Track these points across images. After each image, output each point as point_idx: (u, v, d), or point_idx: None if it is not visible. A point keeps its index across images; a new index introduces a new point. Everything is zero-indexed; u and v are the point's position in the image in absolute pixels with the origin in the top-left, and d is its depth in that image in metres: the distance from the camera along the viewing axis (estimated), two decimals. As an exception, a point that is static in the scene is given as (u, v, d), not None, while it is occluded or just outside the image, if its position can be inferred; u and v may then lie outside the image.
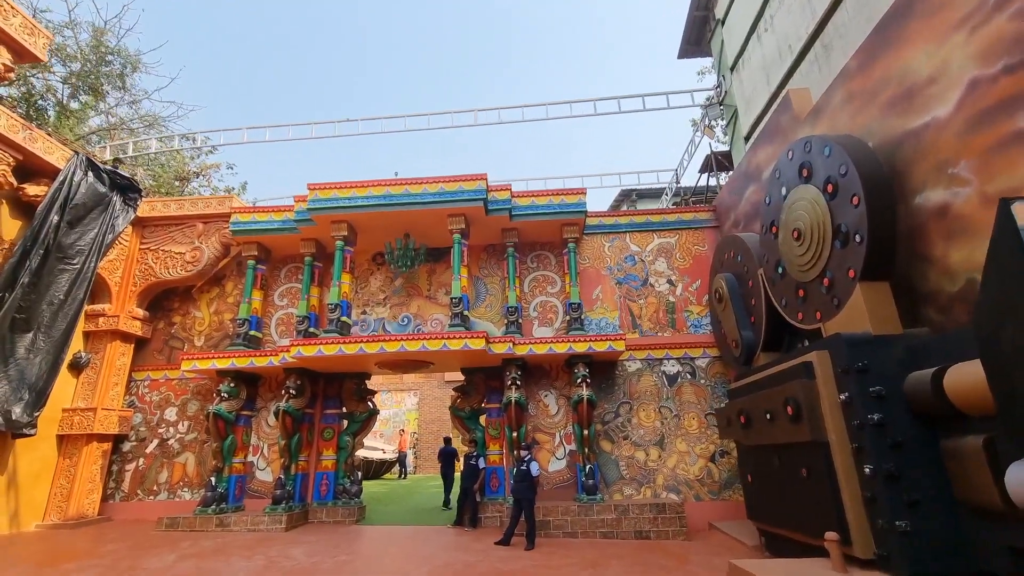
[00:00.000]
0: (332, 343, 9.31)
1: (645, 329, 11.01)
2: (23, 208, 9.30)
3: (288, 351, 9.55)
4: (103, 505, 10.48)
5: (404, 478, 20.28)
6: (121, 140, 14.68)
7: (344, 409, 11.05)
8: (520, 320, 10.58)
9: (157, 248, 11.58)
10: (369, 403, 11.13)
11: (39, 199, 9.25)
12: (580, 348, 9.73)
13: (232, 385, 10.25)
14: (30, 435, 8.88)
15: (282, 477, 9.76)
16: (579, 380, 9.61)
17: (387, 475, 21.07)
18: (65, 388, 10.32)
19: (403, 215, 10.29)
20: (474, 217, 10.42)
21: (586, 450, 9.53)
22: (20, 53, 6.37)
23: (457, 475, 11.35)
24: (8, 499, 9.06)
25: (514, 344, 9.73)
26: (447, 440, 12.77)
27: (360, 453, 18.95)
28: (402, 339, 9.21)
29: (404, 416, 23.62)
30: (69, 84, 14.17)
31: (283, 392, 9.91)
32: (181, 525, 9.32)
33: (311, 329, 10.62)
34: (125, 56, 15.01)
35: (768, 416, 6.59)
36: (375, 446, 20.60)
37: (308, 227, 10.69)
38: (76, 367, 10.50)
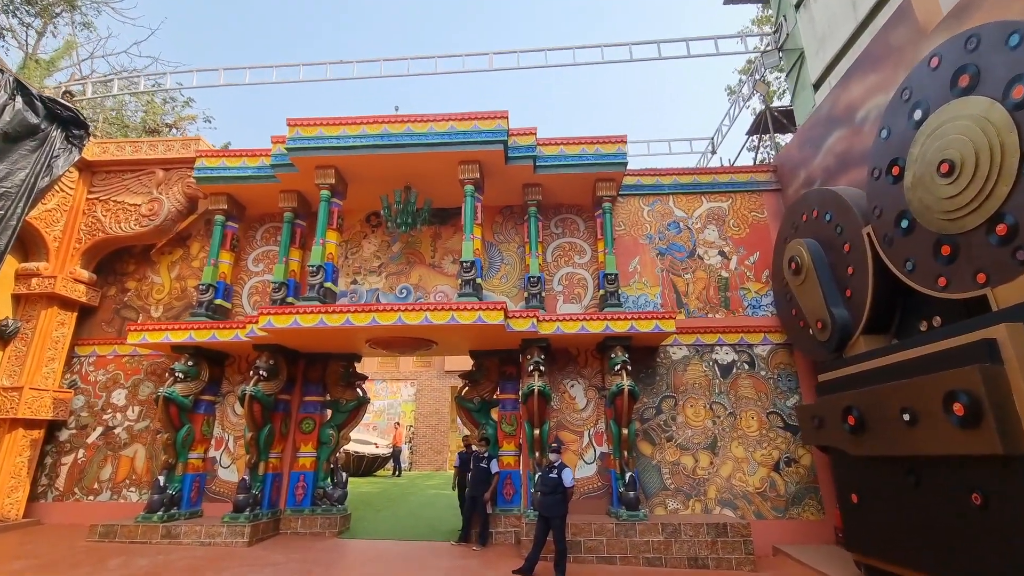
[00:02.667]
0: (312, 312, 7.42)
1: (692, 309, 9.13)
2: (-74, 134, 7.39)
3: (256, 322, 7.67)
4: (32, 506, 8.62)
5: (399, 475, 18.47)
6: (78, 81, 12.70)
7: (328, 396, 9.19)
8: (543, 294, 8.70)
9: (108, 199, 9.66)
10: (358, 390, 9.27)
11: (-53, 123, 7.34)
12: (619, 327, 7.86)
13: (190, 364, 8.37)
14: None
15: (247, 478, 7.89)
16: (617, 367, 7.75)
17: (380, 472, 19.25)
18: (-14, 362, 8.45)
19: (404, 161, 8.38)
20: (490, 166, 8.51)
21: (625, 454, 7.67)
22: None
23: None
24: (-102, 498, 7.20)
25: (538, 320, 7.86)
26: (467, 441, 9.34)
27: (350, 447, 17.19)
28: (399, 309, 7.32)
29: (400, 408, 21.77)
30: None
31: (251, 373, 8.03)
32: (118, 535, 7.46)
33: (289, 299, 8.73)
34: None
35: (907, 417, 4.73)
36: (367, 440, 18.77)
37: (288, 174, 8.77)
38: (1, 336, 8.61)
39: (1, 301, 8.61)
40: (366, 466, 17.94)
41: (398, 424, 19.92)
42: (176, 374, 8.21)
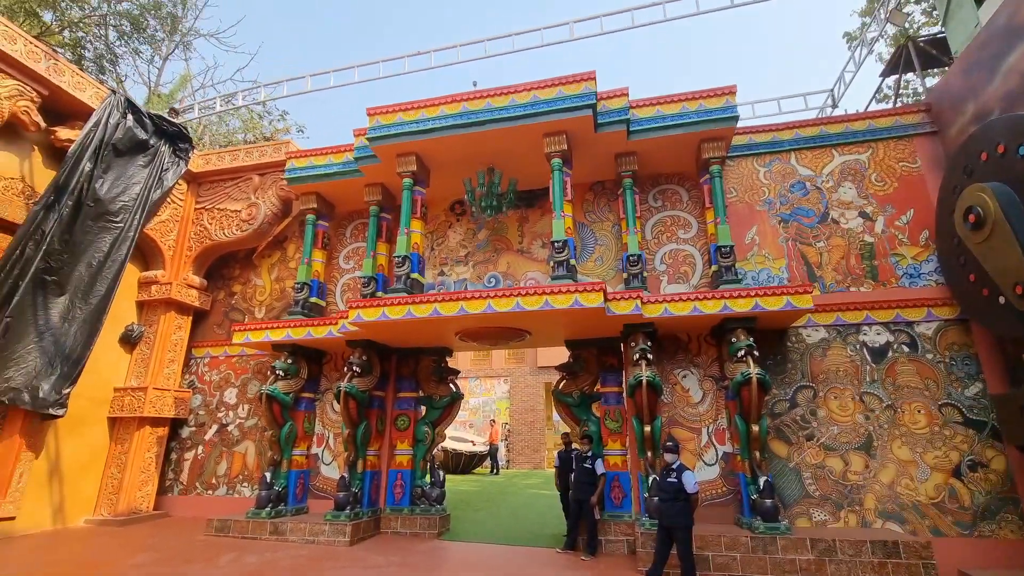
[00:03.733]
0: (399, 304, 7.09)
1: (829, 283, 7.68)
2: (58, 156, 8.06)
3: (347, 317, 7.50)
4: (161, 499, 9.21)
5: (496, 473, 18.17)
6: (187, 104, 13.72)
7: (421, 392, 8.91)
8: (644, 274, 7.74)
9: (212, 207, 10.15)
10: (451, 385, 8.89)
11: (71, 144, 7.94)
12: (740, 306, 6.72)
13: (289, 362, 8.46)
14: (58, 415, 7.58)
15: (346, 476, 7.77)
16: (740, 352, 6.62)
17: (477, 470, 19.11)
18: (119, 365, 9.15)
19: (485, 140, 7.83)
20: (579, 136, 7.71)
21: (756, 454, 6.53)
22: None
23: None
24: (51, 490, 7.91)
25: (642, 301, 6.93)
26: (568, 440, 8.25)
27: (448, 445, 17.17)
28: (488, 296, 6.76)
29: (494, 405, 21.55)
30: (114, 23, 13.51)
31: (345, 370, 7.91)
32: (232, 529, 7.64)
33: (378, 293, 8.55)
34: None
35: None
36: (464, 437, 18.70)
37: (371, 166, 8.59)
38: (128, 341, 9.29)
39: (126, 308, 9.29)
40: (463, 464, 17.85)
41: (493, 421, 19.67)
42: (277, 372, 8.33)
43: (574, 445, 8.12)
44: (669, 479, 5.54)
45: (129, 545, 7.05)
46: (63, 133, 7.97)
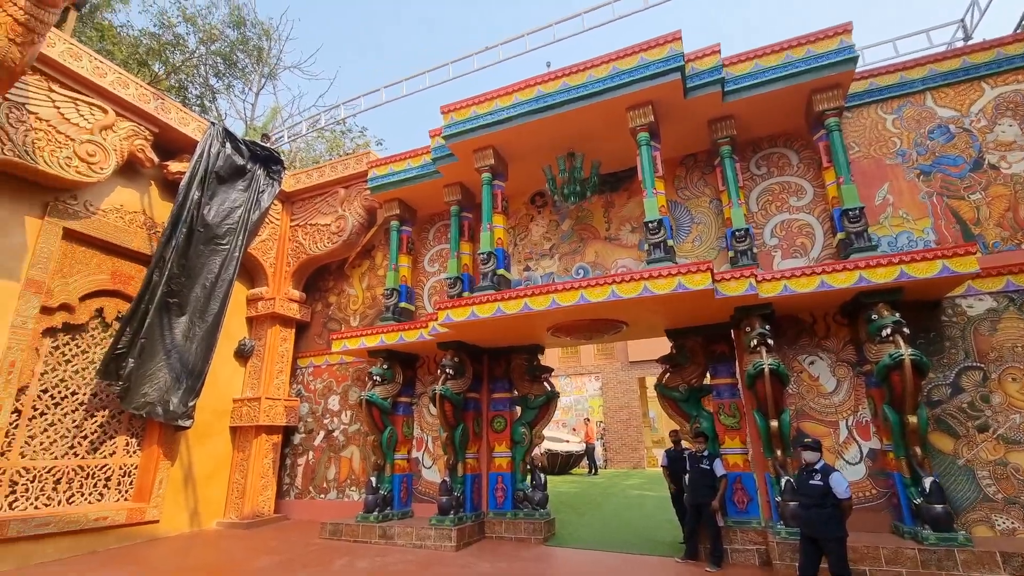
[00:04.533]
0: (487, 301, 6.85)
1: (993, 241, 6.36)
2: (171, 188, 8.77)
3: (436, 319, 7.40)
4: (280, 502, 9.73)
5: (595, 474, 17.58)
6: (278, 134, 14.64)
7: (515, 393, 8.63)
8: (754, 250, 6.88)
9: (305, 223, 10.62)
10: (545, 384, 8.52)
11: (183, 176, 8.59)
12: (881, 276, 5.71)
13: (385, 367, 8.57)
14: (186, 427, 8.20)
15: (447, 480, 7.67)
16: (885, 331, 5.63)
17: (574, 470, 18.64)
18: (235, 377, 9.80)
19: (563, 122, 7.40)
20: (666, 105, 7.03)
21: (917, 451, 5.50)
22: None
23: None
24: (188, 495, 8.57)
25: (756, 280, 6.13)
26: (676, 437, 7.66)
27: (544, 445, 16.88)
28: (580, 286, 6.31)
29: (586, 403, 20.96)
30: (209, 63, 14.74)
31: (439, 372, 7.83)
32: (344, 533, 7.83)
33: (464, 293, 8.40)
34: (260, 26, 15.23)
35: None
36: (559, 437, 18.32)
37: (449, 165, 8.48)
38: (242, 354, 9.92)
39: (238, 324, 9.93)
40: (560, 464, 17.46)
41: (587, 420, 19.07)
42: (374, 378, 8.45)
43: (684, 444, 7.44)
44: (812, 481, 4.75)
45: (254, 548, 7.42)
46: (174, 166, 8.65)
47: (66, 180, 7.07)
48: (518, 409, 8.62)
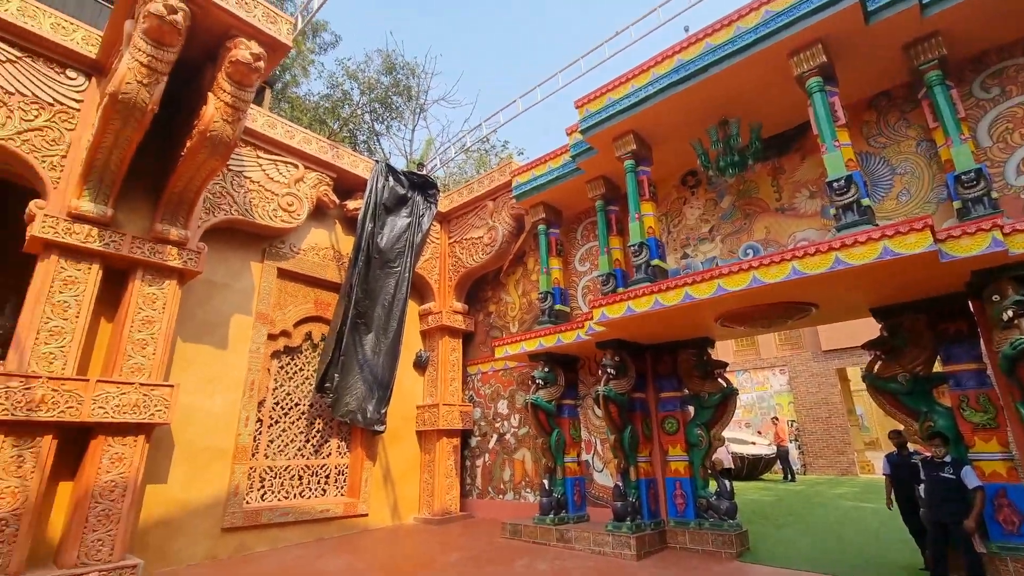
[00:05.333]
0: (644, 295, 6.41)
1: None
2: (351, 223, 10.05)
3: (591, 318, 7.18)
4: (464, 501, 10.40)
5: (792, 480, 15.48)
6: (433, 163, 15.95)
7: (685, 391, 7.96)
8: (992, 195, 5.29)
9: (461, 238, 11.31)
10: (720, 381, 7.69)
11: (359, 211, 9.80)
12: None
13: (546, 370, 8.61)
14: (380, 431, 9.21)
15: (620, 484, 7.35)
16: (1007, 314, 3.80)
17: (766, 476, 16.67)
18: (415, 386, 10.79)
19: (710, 89, 6.64)
20: (841, 39, 5.84)
21: None
22: (268, 44, 6.12)
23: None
24: (388, 493, 9.63)
25: (1002, 231, 4.68)
26: (900, 439, 6.33)
27: (726, 447, 15.42)
28: (751, 267, 5.52)
29: (772, 400, 18.66)
30: (371, 110, 16.62)
31: (600, 373, 7.58)
32: (523, 534, 8.00)
33: (619, 289, 8.02)
34: (408, 67, 16.77)
35: None
36: (743, 439, 16.59)
37: (589, 159, 8.24)
38: (419, 365, 10.90)
39: (414, 338, 10.95)
40: (748, 469, 15.76)
41: (776, 419, 16.90)
42: (537, 381, 8.55)
43: (911, 447, 6.03)
44: (943, 474, 3.41)
45: (445, 543, 8.00)
46: (351, 204, 9.91)
47: (275, 228, 8.54)
48: (691, 409, 7.92)
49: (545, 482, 8.27)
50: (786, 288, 5.47)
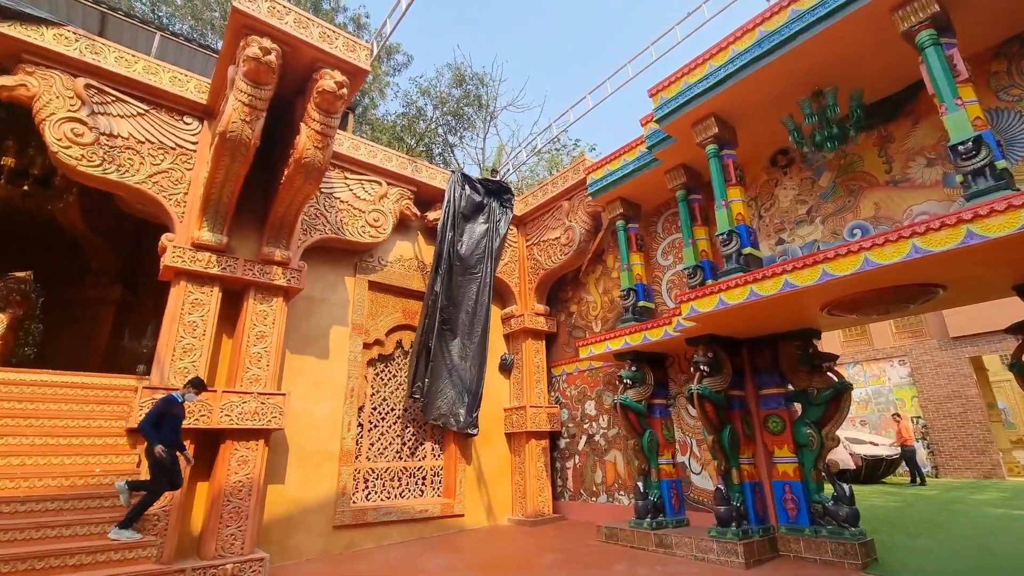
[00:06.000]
0: (736, 286, 6.03)
1: None
2: (432, 233, 10.42)
3: (679, 313, 6.87)
4: (557, 503, 10.36)
5: (920, 483, 13.81)
6: (506, 168, 16.16)
7: (789, 387, 7.37)
8: None
9: (538, 240, 11.33)
10: (830, 375, 7.03)
11: (438, 221, 10.14)
12: None
13: (634, 369, 8.37)
14: (473, 435, 9.42)
15: (722, 488, 6.94)
16: None
17: (889, 479, 15.03)
18: (502, 389, 10.94)
19: (799, 59, 6.12)
20: (956, -16, 5.15)
21: None
22: (350, 72, 6.53)
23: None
24: (481, 494, 9.83)
25: None
26: None
27: (842, 448, 14.11)
28: (860, 248, 5.00)
29: (890, 395, 16.81)
30: (444, 123, 17.08)
31: (692, 370, 7.24)
32: (619, 538, 7.82)
33: (707, 281, 7.62)
34: (476, 78, 17.06)
35: None
36: (860, 438, 15.10)
37: (667, 149, 7.92)
38: (504, 368, 11.04)
39: (497, 341, 11.11)
40: (867, 471, 14.30)
41: (898, 416, 15.18)
42: (625, 381, 8.33)
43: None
44: None
45: (540, 545, 8.01)
46: (431, 215, 10.28)
47: (364, 244, 9.06)
48: (797, 406, 7.32)
49: (639, 485, 8.02)
50: (906, 269, 4.89)
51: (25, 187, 8.77)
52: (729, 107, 6.97)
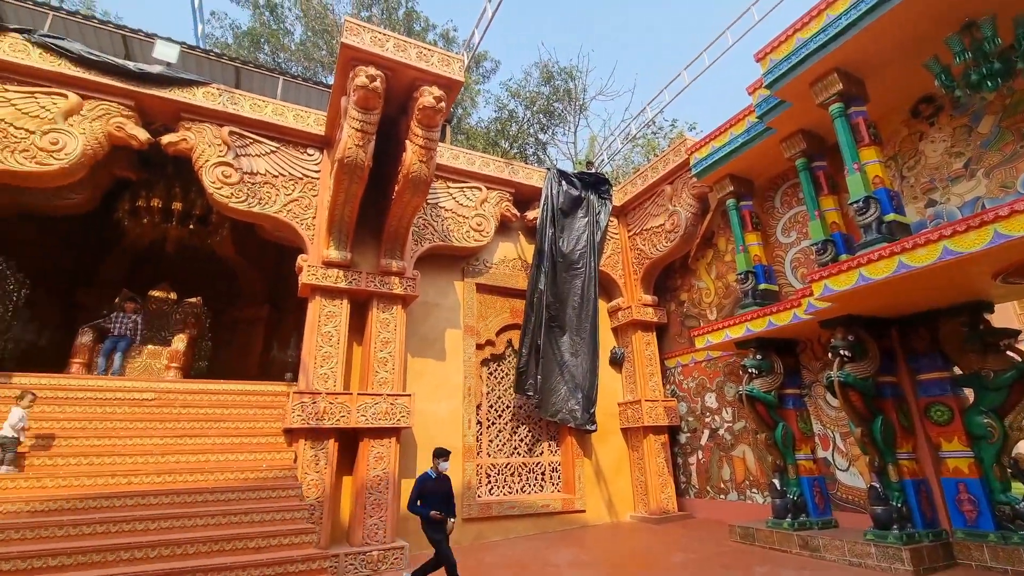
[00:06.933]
0: (880, 258, 5.33)
1: None
2: (532, 232, 10.52)
3: (810, 294, 6.24)
4: (680, 500, 9.93)
5: None
6: (600, 158, 15.85)
7: (956, 370, 6.37)
8: None
9: (640, 229, 10.95)
10: (1009, 355, 5.96)
11: (537, 220, 10.22)
12: None
13: (759, 357, 7.76)
14: (591, 431, 9.36)
15: (878, 485, 6.18)
16: None
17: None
18: (614, 383, 10.73)
19: (943, -11, 5.27)
20: None
21: None
22: (446, 86, 6.84)
23: None
24: (601, 489, 9.74)
25: None
26: None
27: None
28: (1048, 201, 4.17)
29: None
30: (536, 121, 17.02)
31: (830, 356, 6.54)
32: (756, 538, 7.30)
33: (841, 256, 6.83)
34: (564, 72, 16.80)
35: None
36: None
37: (781, 115, 7.25)
38: (615, 362, 10.82)
39: (605, 335, 10.91)
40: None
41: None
42: (749, 370, 7.76)
43: None
44: None
45: (666, 543, 7.74)
46: (530, 214, 10.39)
47: (469, 248, 9.42)
48: (967, 393, 6.30)
49: (775, 482, 7.42)
50: (1114, 220, 3.99)
51: (191, 226, 10.34)
52: (855, 58, 6.19)
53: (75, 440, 6.40)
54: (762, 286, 8.14)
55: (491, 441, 9.36)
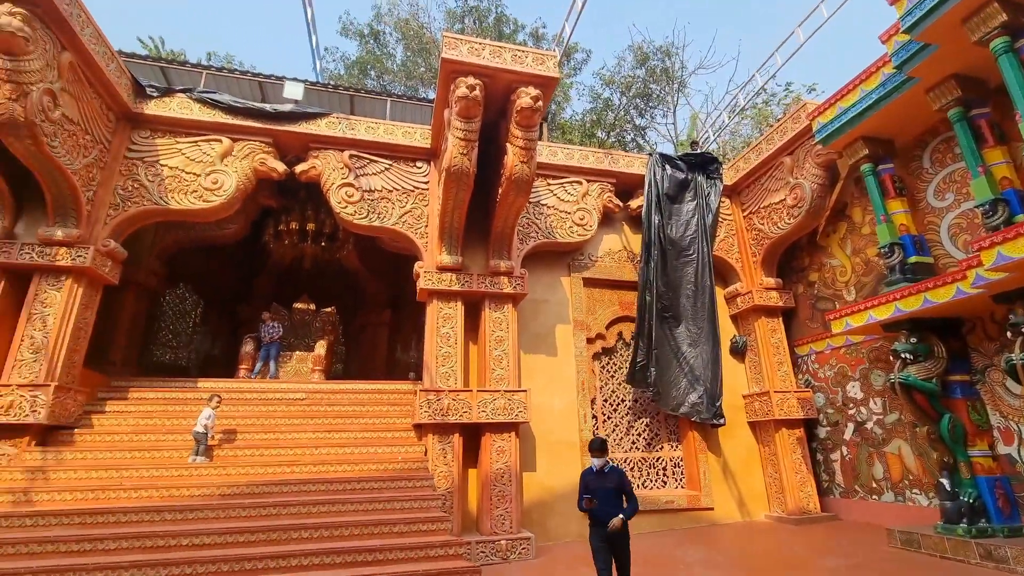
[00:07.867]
0: (1075, 216, 4.42)
1: None
2: (636, 221, 10.22)
3: (977, 263, 5.35)
4: (823, 500, 9.04)
5: None
6: (704, 136, 14.94)
7: None
8: None
9: (757, 207, 10.13)
10: None
11: (642, 208, 9.91)
12: None
13: (913, 340, 6.81)
14: (719, 424, 8.85)
15: (1086, 488, 5.15)
16: None
17: None
18: (737, 373, 10.07)
19: None
20: None
21: None
22: (542, 84, 6.91)
23: None
24: (729, 486, 9.21)
25: None
26: None
27: None
28: None
29: None
30: (633, 106, 16.31)
31: (1009, 335, 5.56)
32: (922, 545, 6.44)
33: (1016, 217, 5.76)
34: (660, 51, 15.89)
35: None
36: None
37: (927, 62, 6.28)
38: (737, 352, 10.14)
39: (724, 323, 10.22)
40: None
41: None
42: (902, 356, 6.83)
43: None
44: None
45: (812, 546, 7.11)
46: (633, 203, 10.11)
47: (573, 243, 9.42)
48: None
49: (944, 482, 6.48)
50: None
51: (323, 243, 11.56)
52: (1023, -20, 5.18)
53: (248, 435, 7.49)
54: (912, 259, 7.14)
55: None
